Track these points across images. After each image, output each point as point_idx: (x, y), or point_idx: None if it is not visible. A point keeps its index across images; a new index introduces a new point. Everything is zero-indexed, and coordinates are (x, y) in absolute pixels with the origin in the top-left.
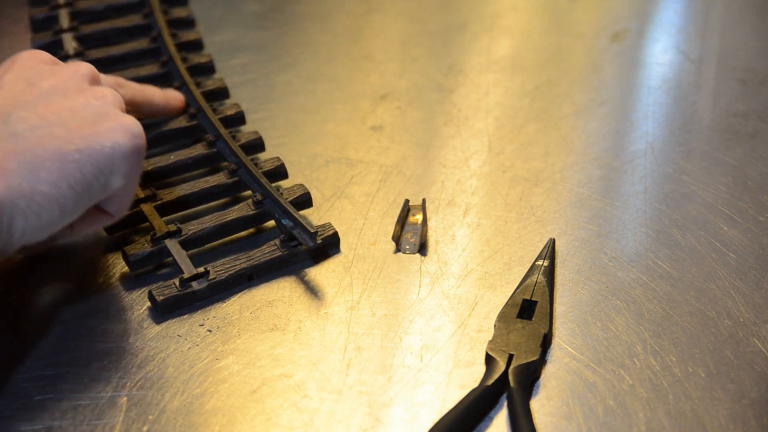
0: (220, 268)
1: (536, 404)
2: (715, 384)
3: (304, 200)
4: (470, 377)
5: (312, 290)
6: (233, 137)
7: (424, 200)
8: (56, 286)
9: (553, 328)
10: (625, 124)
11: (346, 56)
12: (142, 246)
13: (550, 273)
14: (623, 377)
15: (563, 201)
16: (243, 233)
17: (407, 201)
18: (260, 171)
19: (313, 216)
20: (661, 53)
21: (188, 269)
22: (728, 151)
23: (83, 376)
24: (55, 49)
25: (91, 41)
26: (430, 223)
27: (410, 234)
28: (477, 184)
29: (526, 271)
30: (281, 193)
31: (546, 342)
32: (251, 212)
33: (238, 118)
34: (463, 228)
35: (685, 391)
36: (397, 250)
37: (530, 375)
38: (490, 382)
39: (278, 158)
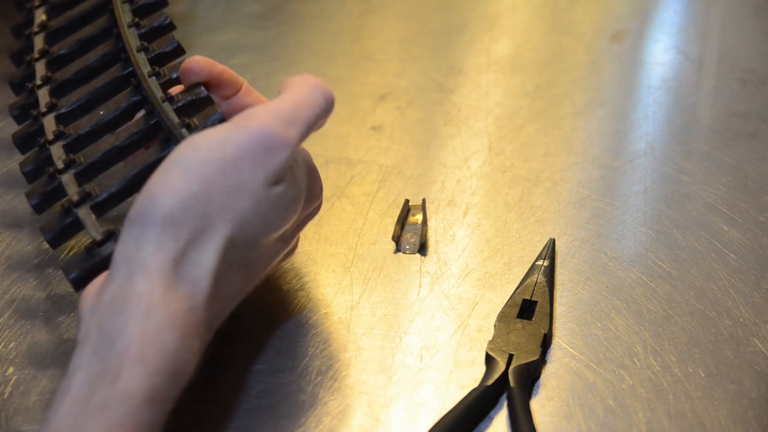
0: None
1: (536, 404)
2: (715, 384)
3: (199, 103)
4: (470, 377)
5: (312, 290)
6: (153, 59)
7: (424, 200)
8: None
9: (553, 328)
10: (625, 124)
11: (346, 56)
12: (53, 223)
13: (550, 273)
14: (623, 377)
15: (563, 201)
16: None
17: (407, 201)
18: (160, 83)
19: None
20: (661, 53)
21: (97, 234)
22: (728, 151)
23: None
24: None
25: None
26: (430, 223)
27: (410, 234)
28: (477, 184)
29: (526, 271)
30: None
31: (546, 342)
32: (161, 156)
33: (175, 51)
34: (463, 228)
35: (685, 391)
36: (397, 250)
37: (530, 375)
38: (490, 382)
39: (199, 88)
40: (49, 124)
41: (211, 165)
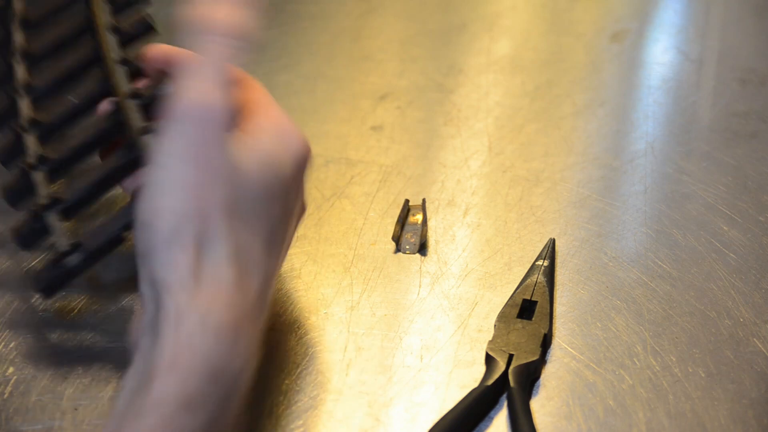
0: (89, 237)
1: (536, 404)
2: (715, 384)
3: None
4: (470, 377)
5: (312, 290)
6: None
7: (424, 200)
8: None
9: (553, 328)
10: (625, 124)
11: (346, 56)
12: (22, 227)
13: (550, 273)
14: (623, 377)
15: (563, 201)
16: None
17: (407, 201)
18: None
19: (313, 216)
20: (661, 53)
21: (63, 245)
22: (728, 151)
23: (84, 376)
24: None
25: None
26: (430, 223)
27: (410, 234)
28: (477, 184)
29: (526, 271)
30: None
31: (546, 342)
32: (131, 157)
33: (144, 28)
34: (463, 228)
35: (685, 391)
36: (397, 250)
37: (530, 375)
38: (490, 382)
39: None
40: (24, 107)
41: (182, 167)
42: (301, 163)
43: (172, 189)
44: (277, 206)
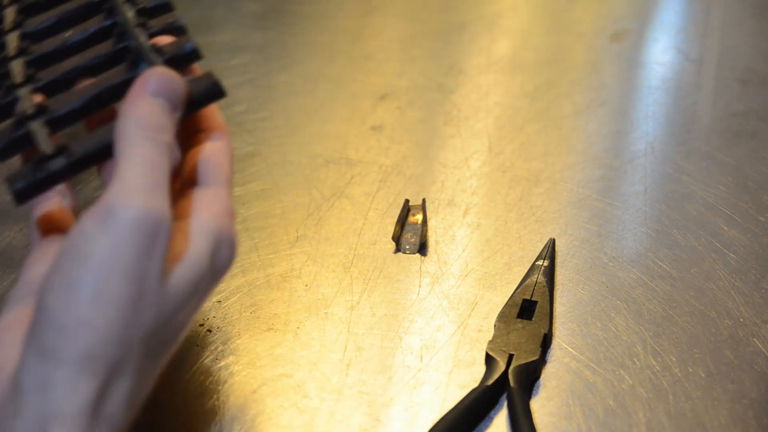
0: (81, 142)
1: (536, 404)
2: (715, 384)
3: (211, 84)
4: (470, 377)
5: (312, 290)
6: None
7: (424, 200)
8: None
9: (553, 328)
10: (625, 124)
11: (346, 56)
12: (3, 132)
13: (550, 273)
14: (623, 377)
15: (563, 201)
16: None
17: (407, 201)
18: (148, 31)
19: (313, 216)
20: (661, 53)
21: (47, 147)
22: (728, 151)
23: None
24: None
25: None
26: (430, 223)
27: (410, 234)
28: (477, 184)
29: (526, 271)
30: (152, 49)
31: (546, 342)
32: (127, 77)
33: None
34: (463, 228)
35: (685, 391)
36: (397, 250)
37: (530, 375)
38: (490, 382)
39: (175, 19)
40: (12, 41)
41: (116, 278)
42: (224, 275)
43: (99, 301)
44: (185, 331)
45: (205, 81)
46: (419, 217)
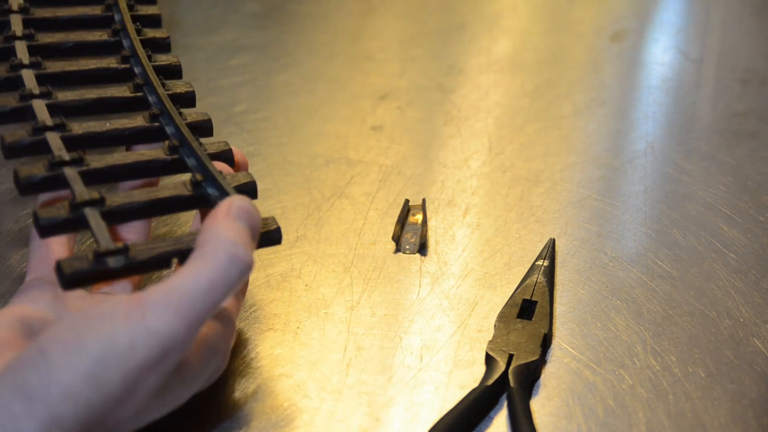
0: (142, 248)
1: (536, 404)
2: (715, 384)
3: (249, 189)
4: (470, 377)
5: (312, 290)
6: (179, 114)
7: (424, 200)
8: None
9: (553, 328)
10: (625, 124)
11: (346, 56)
12: (57, 211)
13: (550, 273)
14: (623, 377)
15: (563, 201)
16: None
17: (407, 201)
18: (206, 153)
19: (313, 216)
20: (661, 53)
21: (105, 242)
22: (728, 151)
23: None
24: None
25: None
26: (430, 223)
27: (410, 234)
28: (477, 184)
29: (526, 271)
30: (224, 178)
31: (546, 342)
32: (187, 194)
33: (189, 98)
34: (463, 228)
35: (685, 391)
36: (397, 250)
37: (530, 375)
38: (490, 382)
39: (226, 143)
40: (55, 139)
41: (112, 381)
42: (205, 381)
43: (92, 380)
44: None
45: (271, 225)
46: (419, 217)
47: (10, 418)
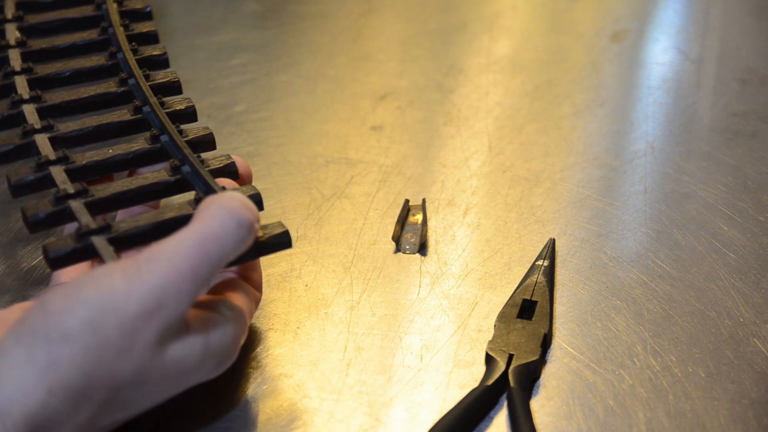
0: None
1: (536, 404)
2: (715, 384)
3: (254, 202)
4: (470, 377)
5: (312, 290)
6: (180, 132)
7: (424, 200)
8: None
9: (553, 328)
10: (625, 124)
11: (346, 56)
12: (65, 242)
13: (550, 273)
14: (623, 377)
15: (563, 201)
16: None
17: (407, 201)
18: (207, 169)
19: (313, 216)
20: (661, 53)
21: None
22: (728, 151)
23: None
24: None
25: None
26: (430, 223)
27: (410, 234)
28: (477, 184)
29: (526, 271)
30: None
31: (546, 342)
32: (192, 212)
33: (189, 114)
34: (463, 228)
35: (685, 391)
36: (397, 250)
37: (530, 375)
38: (490, 382)
39: (228, 155)
40: (58, 173)
41: (113, 321)
42: (215, 367)
43: (89, 327)
44: (145, 407)
45: (278, 229)
46: (419, 217)
47: (10, 366)
